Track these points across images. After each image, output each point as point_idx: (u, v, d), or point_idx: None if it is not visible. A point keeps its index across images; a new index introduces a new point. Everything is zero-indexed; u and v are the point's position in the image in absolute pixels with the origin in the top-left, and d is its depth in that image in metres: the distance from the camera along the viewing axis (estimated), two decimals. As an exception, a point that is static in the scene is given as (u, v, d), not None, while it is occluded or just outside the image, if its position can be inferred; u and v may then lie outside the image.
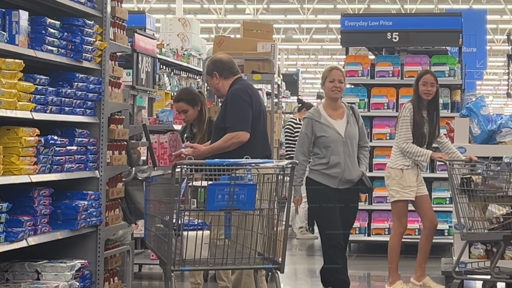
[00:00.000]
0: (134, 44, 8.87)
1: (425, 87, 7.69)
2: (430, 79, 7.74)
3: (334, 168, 7.01)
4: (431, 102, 7.72)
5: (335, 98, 7.12)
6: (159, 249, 5.42)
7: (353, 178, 7.03)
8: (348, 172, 7.00)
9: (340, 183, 7.02)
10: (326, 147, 7.00)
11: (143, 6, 27.82)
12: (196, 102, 7.48)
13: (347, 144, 7.02)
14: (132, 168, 6.98)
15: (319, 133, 7.02)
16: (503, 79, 39.00)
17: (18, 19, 5.15)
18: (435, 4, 26.29)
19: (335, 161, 6.98)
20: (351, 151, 7.04)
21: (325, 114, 7.08)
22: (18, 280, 5.48)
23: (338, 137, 7.01)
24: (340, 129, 7.03)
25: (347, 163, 7.00)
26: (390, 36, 11.03)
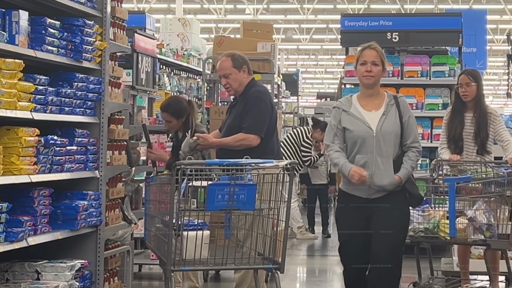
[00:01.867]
0: (134, 44, 8.87)
1: (461, 89, 7.43)
2: (464, 79, 7.44)
3: None
4: (476, 102, 7.41)
5: (367, 84, 5.76)
6: (159, 249, 5.42)
7: (383, 185, 5.61)
8: (378, 176, 5.60)
9: (370, 191, 5.63)
10: (353, 144, 5.67)
11: (143, 6, 27.82)
12: (182, 115, 7.48)
13: (379, 140, 5.62)
14: (132, 168, 6.98)
15: (345, 125, 5.70)
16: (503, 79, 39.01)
17: (18, 19, 5.14)
18: (435, 4, 26.29)
19: (361, 161, 5.62)
20: (384, 149, 5.63)
21: (357, 104, 5.74)
22: (18, 280, 5.48)
23: (367, 131, 5.63)
24: (372, 121, 5.67)
25: (377, 164, 5.60)
26: (390, 36, 11.03)
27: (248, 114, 6.52)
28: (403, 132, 5.70)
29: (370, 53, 5.76)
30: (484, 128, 7.34)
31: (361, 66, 5.76)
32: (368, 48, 5.79)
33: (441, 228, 6.71)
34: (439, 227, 6.73)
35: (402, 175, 5.64)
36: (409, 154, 5.69)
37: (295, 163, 5.16)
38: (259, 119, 6.52)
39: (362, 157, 5.62)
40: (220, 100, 11.43)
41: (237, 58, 6.71)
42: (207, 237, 5.24)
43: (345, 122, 5.68)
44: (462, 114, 7.41)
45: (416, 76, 10.72)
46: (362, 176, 5.52)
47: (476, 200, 6.75)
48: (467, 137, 7.38)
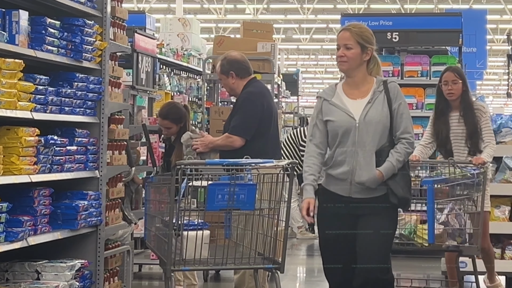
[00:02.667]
0: (134, 44, 8.87)
1: (446, 87, 6.93)
2: (449, 76, 6.95)
3: (340, 167, 4.99)
4: (461, 100, 6.92)
5: (342, 70, 5.20)
6: (159, 249, 5.42)
7: (362, 181, 4.95)
8: (358, 172, 4.95)
9: (352, 189, 4.99)
10: (334, 137, 5.02)
11: (143, 6, 27.82)
12: (181, 120, 7.50)
13: (362, 131, 4.93)
14: (132, 168, 6.98)
15: (325, 116, 5.05)
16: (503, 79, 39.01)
17: (18, 19, 5.14)
18: (435, 4, 26.29)
19: (340, 156, 4.97)
20: (367, 141, 4.93)
21: (342, 92, 5.07)
22: (18, 280, 5.47)
23: (348, 121, 4.96)
24: (355, 111, 4.99)
25: (357, 159, 4.93)
26: (390, 36, 11.03)
27: (235, 115, 6.56)
28: (392, 121, 4.97)
29: (342, 35, 5.11)
30: (475, 126, 6.87)
31: (337, 51, 5.16)
32: (343, 30, 5.15)
33: (419, 234, 6.29)
34: (415, 233, 6.31)
35: (384, 169, 4.92)
36: (397, 146, 4.97)
37: (295, 163, 5.16)
38: (244, 120, 6.51)
39: (342, 151, 4.97)
40: (220, 100, 11.43)
41: (224, 64, 6.73)
42: (207, 237, 5.24)
43: (326, 112, 5.02)
44: (447, 114, 6.97)
45: (416, 76, 10.72)
46: (307, 215, 4.97)
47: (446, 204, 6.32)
48: (455, 138, 6.94)
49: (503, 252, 7.49)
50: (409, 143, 4.99)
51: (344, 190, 5.01)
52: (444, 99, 6.95)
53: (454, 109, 6.96)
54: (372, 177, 4.94)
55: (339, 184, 5.00)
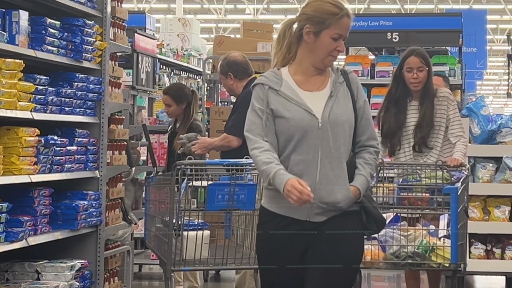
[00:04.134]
0: (134, 44, 8.88)
1: (410, 74, 5.99)
2: (415, 62, 5.99)
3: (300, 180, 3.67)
4: (424, 90, 6.05)
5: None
6: (159, 249, 5.43)
7: (335, 201, 3.76)
8: (326, 188, 3.75)
9: (313, 210, 3.76)
10: (287, 139, 3.78)
11: (143, 6, 27.81)
12: (182, 100, 7.47)
13: (327, 134, 3.77)
14: (132, 168, 6.99)
15: (275, 111, 3.81)
16: (503, 79, 39.00)
17: (18, 19, 5.14)
18: (435, 4, 26.30)
19: (299, 165, 3.75)
20: (334, 148, 3.77)
21: (291, 80, 3.87)
22: (18, 280, 5.47)
23: (309, 120, 3.77)
24: (314, 106, 3.81)
25: (324, 170, 3.75)
26: (390, 36, 11.03)
27: (232, 115, 6.59)
28: (356, 123, 3.89)
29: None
30: (429, 117, 5.94)
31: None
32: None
33: (439, 253, 5.30)
34: (433, 250, 5.33)
35: (360, 185, 3.82)
36: (365, 156, 3.90)
37: None
38: (241, 120, 6.53)
39: (299, 160, 3.75)
40: (220, 100, 11.44)
41: (223, 65, 6.77)
42: (207, 237, 5.25)
43: (275, 106, 3.81)
44: (405, 104, 6.02)
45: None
46: (304, 195, 3.63)
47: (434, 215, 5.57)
48: (407, 132, 6.01)
49: (503, 252, 7.48)
50: (377, 152, 3.95)
51: (301, 212, 3.74)
52: (404, 86, 6.02)
53: (414, 99, 6.06)
54: (348, 195, 3.78)
55: (292, 204, 3.67)
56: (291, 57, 3.91)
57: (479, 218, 7.32)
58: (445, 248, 5.25)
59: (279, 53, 3.91)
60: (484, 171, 7.40)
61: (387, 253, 5.39)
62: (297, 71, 3.90)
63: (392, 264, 5.37)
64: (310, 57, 3.86)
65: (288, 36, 3.88)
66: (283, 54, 3.91)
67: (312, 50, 3.85)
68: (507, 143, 7.71)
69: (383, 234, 5.34)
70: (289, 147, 3.79)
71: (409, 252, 5.32)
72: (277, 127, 3.81)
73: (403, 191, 5.57)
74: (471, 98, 9.38)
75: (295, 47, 3.89)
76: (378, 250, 5.36)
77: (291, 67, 3.91)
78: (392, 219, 5.50)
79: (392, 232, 5.35)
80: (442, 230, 5.41)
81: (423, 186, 5.57)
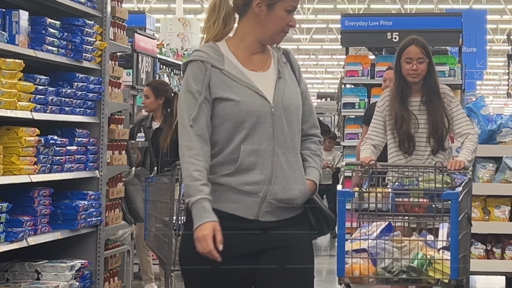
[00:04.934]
0: (134, 44, 8.89)
1: (408, 66, 5.51)
2: (415, 52, 5.55)
3: (249, 173, 3.23)
4: (426, 83, 5.54)
5: None
6: (159, 249, 5.42)
7: (293, 197, 3.28)
8: (281, 182, 3.26)
9: (263, 208, 3.24)
10: (236, 126, 3.24)
11: (143, 6, 27.82)
12: (160, 94, 7.61)
13: (281, 121, 3.29)
14: (132, 168, 6.99)
15: (220, 93, 3.25)
16: (503, 79, 38.99)
17: (18, 19, 5.14)
18: (435, 4, 26.31)
19: (250, 156, 3.23)
20: (288, 136, 3.30)
21: (233, 57, 3.33)
22: (18, 280, 5.47)
23: (261, 104, 3.26)
24: (264, 89, 3.29)
25: (279, 164, 3.26)
26: (390, 36, 11.04)
27: None
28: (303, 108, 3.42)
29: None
30: (440, 116, 5.49)
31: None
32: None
33: (437, 267, 4.63)
34: (431, 264, 4.68)
35: (316, 179, 3.38)
36: (311, 147, 3.44)
37: None
38: None
39: (252, 150, 3.22)
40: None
41: None
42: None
43: (219, 87, 3.25)
44: (406, 99, 5.52)
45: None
46: (210, 256, 3.14)
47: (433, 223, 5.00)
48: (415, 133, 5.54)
49: (503, 252, 7.48)
50: (320, 142, 3.51)
51: (250, 209, 3.23)
52: (405, 80, 5.54)
53: (414, 93, 5.56)
54: (305, 191, 3.32)
55: (241, 200, 3.22)
56: (227, 31, 3.34)
57: (479, 218, 7.31)
58: (445, 262, 4.57)
59: (213, 27, 3.32)
60: (484, 171, 7.40)
61: (378, 268, 4.68)
62: (237, 47, 3.33)
63: (383, 280, 4.69)
64: (258, 32, 3.31)
65: (225, 7, 3.31)
66: (218, 28, 3.32)
67: (261, 24, 3.30)
68: (507, 143, 7.71)
69: (373, 246, 4.67)
70: (238, 135, 3.23)
71: (403, 266, 4.64)
72: (223, 111, 3.24)
73: (398, 197, 4.92)
74: (471, 98, 9.39)
75: (233, 19, 3.35)
76: (368, 264, 4.67)
77: (230, 42, 3.34)
78: (384, 228, 4.81)
79: (383, 243, 4.68)
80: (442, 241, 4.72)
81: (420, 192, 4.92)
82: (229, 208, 3.22)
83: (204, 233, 3.11)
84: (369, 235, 4.73)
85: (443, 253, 4.67)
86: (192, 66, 3.30)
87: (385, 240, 4.73)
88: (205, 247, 3.11)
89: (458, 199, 4.49)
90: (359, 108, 10.54)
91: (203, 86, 3.25)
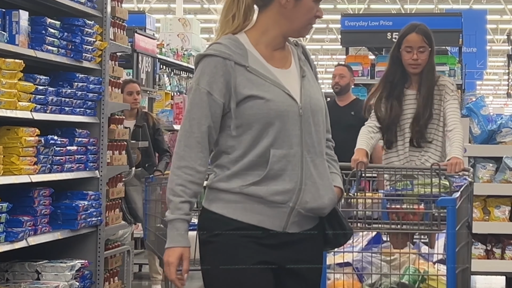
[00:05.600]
0: (134, 44, 8.89)
1: (409, 55, 5.14)
2: (416, 40, 5.14)
3: (278, 181, 2.94)
4: (424, 74, 5.20)
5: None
6: (159, 249, 5.42)
7: (323, 206, 3.02)
8: (310, 191, 2.98)
9: (291, 218, 2.97)
10: (264, 128, 2.93)
11: (143, 6, 27.82)
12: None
13: (309, 123, 3.01)
14: (132, 168, 6.99)
15: (247, 91, 2.94)
16: (503, 79, 39.00)
17: (18, 19, 5.14)
18: (435, 4, 26.31)
19: (280, 161, 2.94)
20: (316, 140, 3.03)
21: (256, 52, 3.02)
22: (18, 280, 5.47)
23: (289, 104, 2.97)
24: (290, 87, 3.01)
25: (308, 170, 2.98)
26: (390, 36, 11.03)
27: None
28: None
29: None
30: (428, 106, 5.12)
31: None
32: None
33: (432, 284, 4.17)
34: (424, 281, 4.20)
35: (341, 185, 3.17)
36: (328, 152, 3.18)
37: None
38: None
39: (283, 154, 2.94)
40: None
41: None
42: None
43: (245, 86, 2.94)
44: (401, 90, 5.17)
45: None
46: (174, 283, 3.04)
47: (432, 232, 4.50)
48: (404, 124, 5.20)
49: (503, 252, 7.48)
50: (333, 147, 3.26)
51: (277, 221, 2.96)
52: (401, 69, 5.19)
53: (413, 85, 5.23)
54: (334, 199, 3.07)
55: (268, 211, 2.94)
56: (245, 26, 3.05)
57: (479, 218, 7.32)
58: (440, 277, 4.09)
59: (232, 21, 3.03)
60: (484, 171, 7.40)
61: (364, 284, 4.24)
62: (259, 42, 3.03)
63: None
64: (283, 25, 3.03)
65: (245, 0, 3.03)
66: (239, 21, 3.03)
67: (288, 16, 3.02)
68: (507, 143, 7.71)
69: (359, 260, 4.23)
70: (266, 138, 2.93)
71: (393, 282, 4.15)
72: (250, 111, 2.93)
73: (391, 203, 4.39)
74: (471, 98, 9.38)
75: (252, 12, 3.06)
76: (353, 280, 4.21)
77: (251, 35, 3.03)
78: (372, 239, 4.37)
79: (371, 256, 4.20)
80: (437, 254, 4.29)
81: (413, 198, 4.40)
82: (255, 220, 2.95)
83: (170, 260, 2.98)
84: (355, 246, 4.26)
85: (438, 267, 4.21)
86: (209, 62, 2.96)
87: (372, 252, 4.27)
88: (168, 274, 2.98)
89: (455, 206, 3.89)
90: (359, 108, 10.53)
91: (217, 87, 2.93)
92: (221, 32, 3.05)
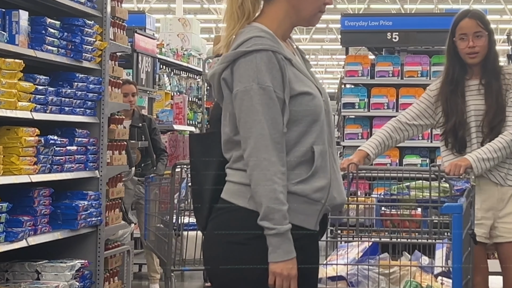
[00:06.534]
0: (134, 44, 8.89)
1: (464, 43, 4.48)
2: (470, 26, 4.47)
3: (317, 178, 2.86)
4: (484, 63, 4.55)
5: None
6: (159, 249, 5.43)
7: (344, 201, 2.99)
8: (335, 186, 2.91)
9: (319, 216, 2.89)
10: (310, 124, 2.85)
11: (143, 6, 27.83)
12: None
13: (330, 118, 2.96)
14: (132, 168, 7.00)
15: (297, 87, 2.84)
16: (503, 79, 38.99)
17: (18, 19, 5.14)
18: (435, 4, 26.31)
19: (321, 157, 2.86)
20: (333, 133, 3.00)
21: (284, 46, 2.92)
22: (18, 280, 5.47)
23: (320, 98, 2.91)
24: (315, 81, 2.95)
25: (333, 164, 2.92)
26: (390, 36, 11.03)
27: None
28: None
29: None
30: (500, 100, 4.44)
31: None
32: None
33: None
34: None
35: None
36: None
37: None
38: None
39: (321, 150, 2.86)
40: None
41: None
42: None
43: (293, 81, 2.85)
44: (463, 84, 4.53)
45: (416, 76, 10.71)
46: None
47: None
48: (474, 121, 4.50)
49: (503, 252, 7.47)
50: None
51: (313, 219, 2.87)
52: (459, 61, 4.54)
53: (474, 76, 4.57)
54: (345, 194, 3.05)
55: (306, 209, 2.86)
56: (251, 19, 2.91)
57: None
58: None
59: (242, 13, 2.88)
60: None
61: None
62: (277, 34, 2.89)
63: None
64: (293, 15, 2.93)
65: None
66: (248, 13, 2.88)
67: (297, 6, 2.91)
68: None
69: (353, 273, 3.86)
70: (310, 135, 2.84)
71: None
72: (300, 107, 2.83)
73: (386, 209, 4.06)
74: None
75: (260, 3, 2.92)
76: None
77: (269, 28, 2.89)
78: (368, 249, 4.01)
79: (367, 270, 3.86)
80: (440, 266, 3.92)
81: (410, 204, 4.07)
82: (297, 220, 2.82)
83: (292, 273, 2.76)
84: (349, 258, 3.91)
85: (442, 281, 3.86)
86: (262, 57, 2.77)
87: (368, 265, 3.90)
88: (285, 286, 2.76)
89: (461, 214, 3.35)
90: (359, 108, 10.53)
91: (277, 83, 2.78)
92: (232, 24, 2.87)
